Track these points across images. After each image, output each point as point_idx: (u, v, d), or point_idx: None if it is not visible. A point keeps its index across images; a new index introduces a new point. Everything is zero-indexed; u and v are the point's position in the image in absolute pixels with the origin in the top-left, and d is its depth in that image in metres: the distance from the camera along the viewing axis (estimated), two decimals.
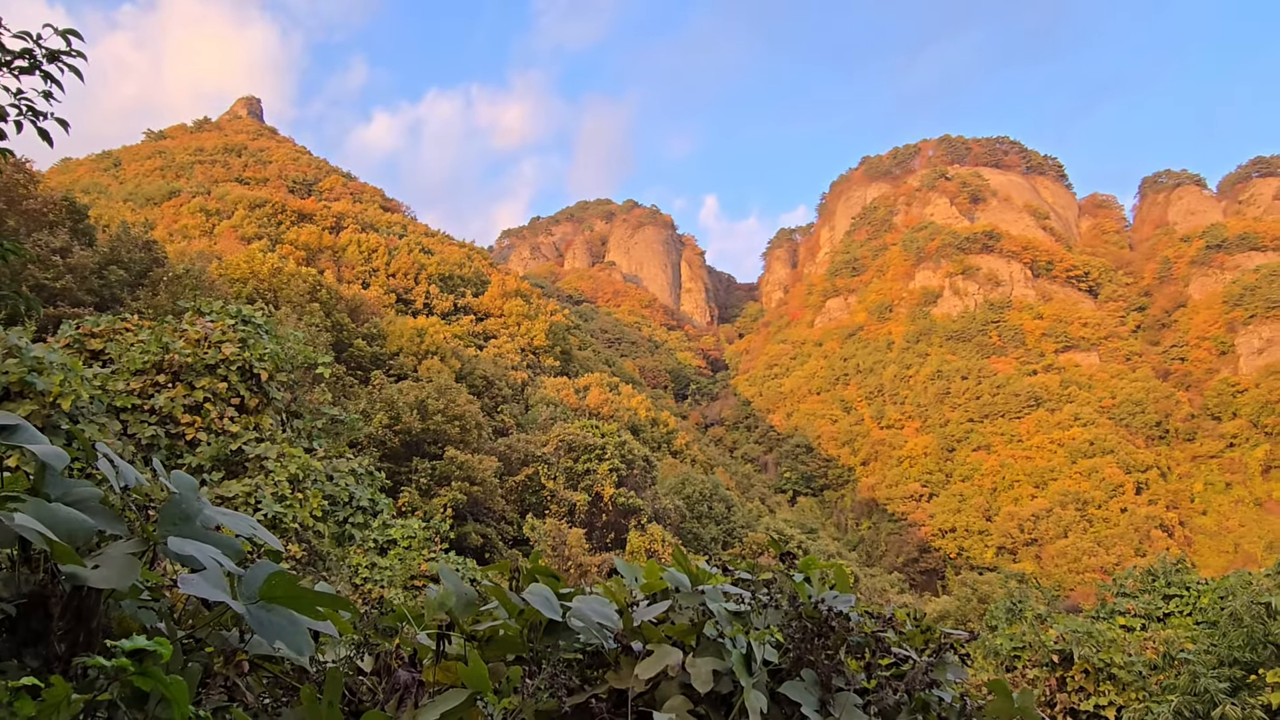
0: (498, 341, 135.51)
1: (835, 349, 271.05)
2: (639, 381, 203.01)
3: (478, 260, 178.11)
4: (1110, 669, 16.91)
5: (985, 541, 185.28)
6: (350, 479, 15.12)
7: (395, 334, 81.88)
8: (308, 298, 71.94)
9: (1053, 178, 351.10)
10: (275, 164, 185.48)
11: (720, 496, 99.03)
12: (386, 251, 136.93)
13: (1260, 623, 14.92)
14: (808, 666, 3.13)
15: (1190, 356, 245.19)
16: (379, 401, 56.33)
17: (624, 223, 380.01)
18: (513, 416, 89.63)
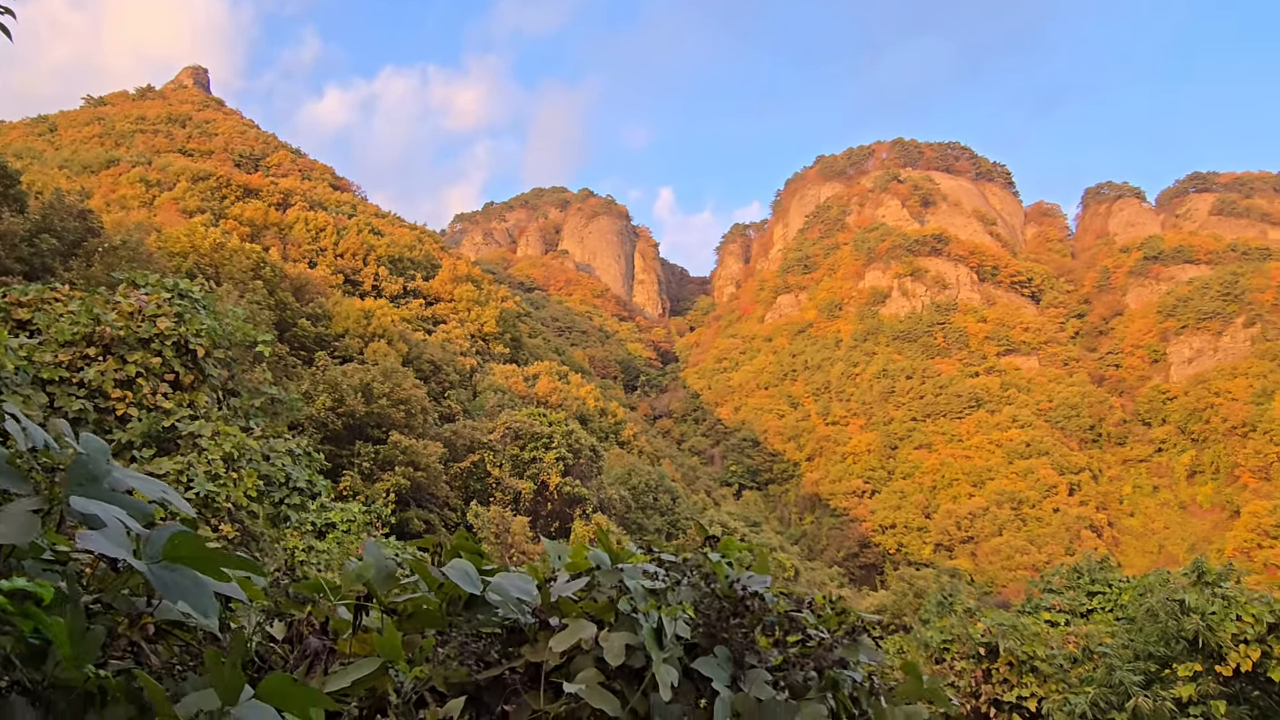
0: (447, 327, 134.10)
1: (785, 345, 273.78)
2: (589, 371, 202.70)
3: (429, 243, 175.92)
4: (1033, 661, 17.45)
5: (924, 538, 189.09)
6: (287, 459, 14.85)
7: (341, 315, 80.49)
8: (251, 275, 70.31)
9: (1001, 184, 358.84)
10: (221, 136, 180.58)
11: (666, 488, 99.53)
12: (335, 231, 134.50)
13: (1174, 619, 15.53)
14: (721, 643, 3.18)
15: (1125, 363, 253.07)
16: (322, 383, 55.38)
17: (579, 211, 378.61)
18: (460, 403, 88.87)
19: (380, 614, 2.99)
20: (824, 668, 3.46)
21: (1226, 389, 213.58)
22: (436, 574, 3.12)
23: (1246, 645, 14.81)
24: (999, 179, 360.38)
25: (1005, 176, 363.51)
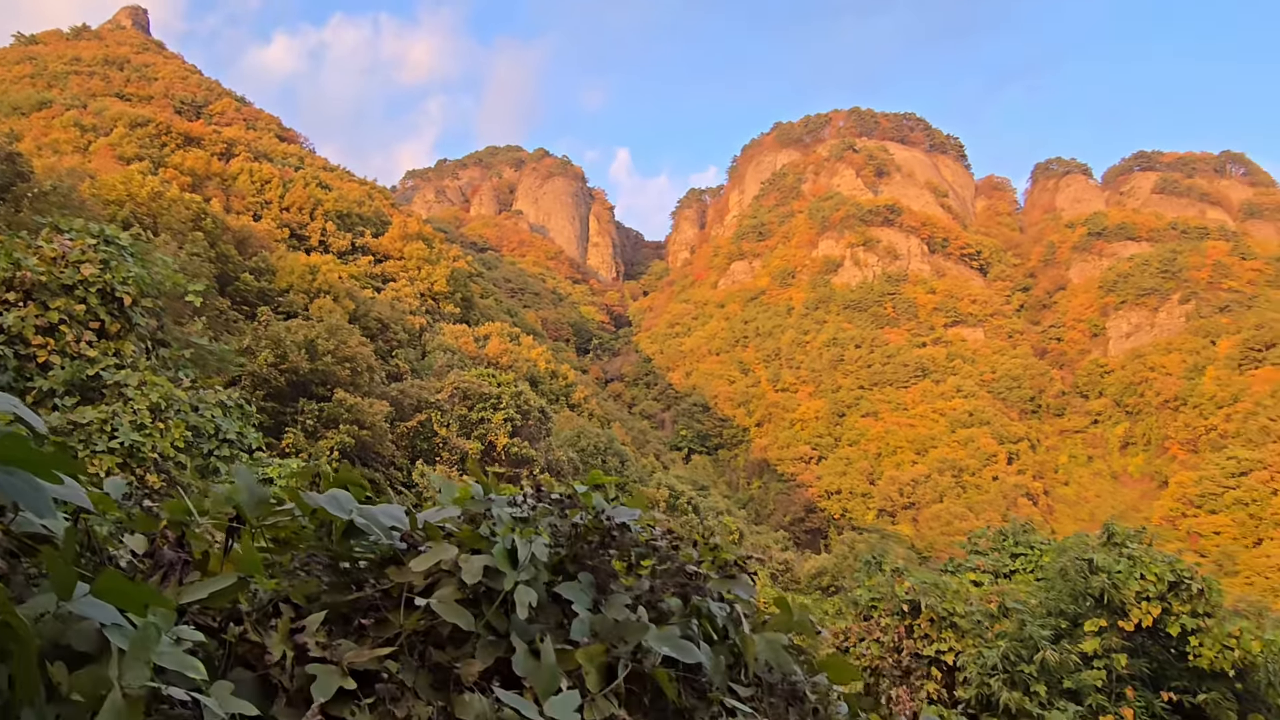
0: (396, 285, 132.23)
1: (737, 311, 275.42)
2: (540, 333, 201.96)
3: (379, 199, 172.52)
4: (952, 618, 18.13)
5: (867, 504, 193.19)
6: (217, 411, 14.66)
7: (286, 270, 78.80)
8: (190, 226, 68.29)
9: (954, 157, 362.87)
10: (161, 81, 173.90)
11: (615, 451, 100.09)
12: (281, 183, 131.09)
13: (1083, 577, 16.26)
14: (586, 570, 3.34)
15: (1066, 337, 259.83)
16: (265, 339, 54.36)
17: (534, 172, 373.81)
18: (408, 362, 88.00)
19: (249, 536, 3.08)
20: (688, 596, 3.64)
21: (1161, 364, 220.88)
22: (310, 500, 3.22)
23: (1148, 602, 15.57)
24: (952, 151, 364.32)
25: (958, 149, 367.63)
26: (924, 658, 18.12)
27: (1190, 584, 15.47)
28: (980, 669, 15.94)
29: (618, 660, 3.04)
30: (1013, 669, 15.68)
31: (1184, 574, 15.59)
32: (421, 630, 2.91)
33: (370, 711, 2.51)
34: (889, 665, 18.72)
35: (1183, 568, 15.73)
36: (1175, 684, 15.67)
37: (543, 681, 2.78)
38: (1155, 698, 15.43)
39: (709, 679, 3.39)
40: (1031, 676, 15.49)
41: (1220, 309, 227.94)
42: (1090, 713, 15.12)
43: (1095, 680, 15.32)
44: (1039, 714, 15.03)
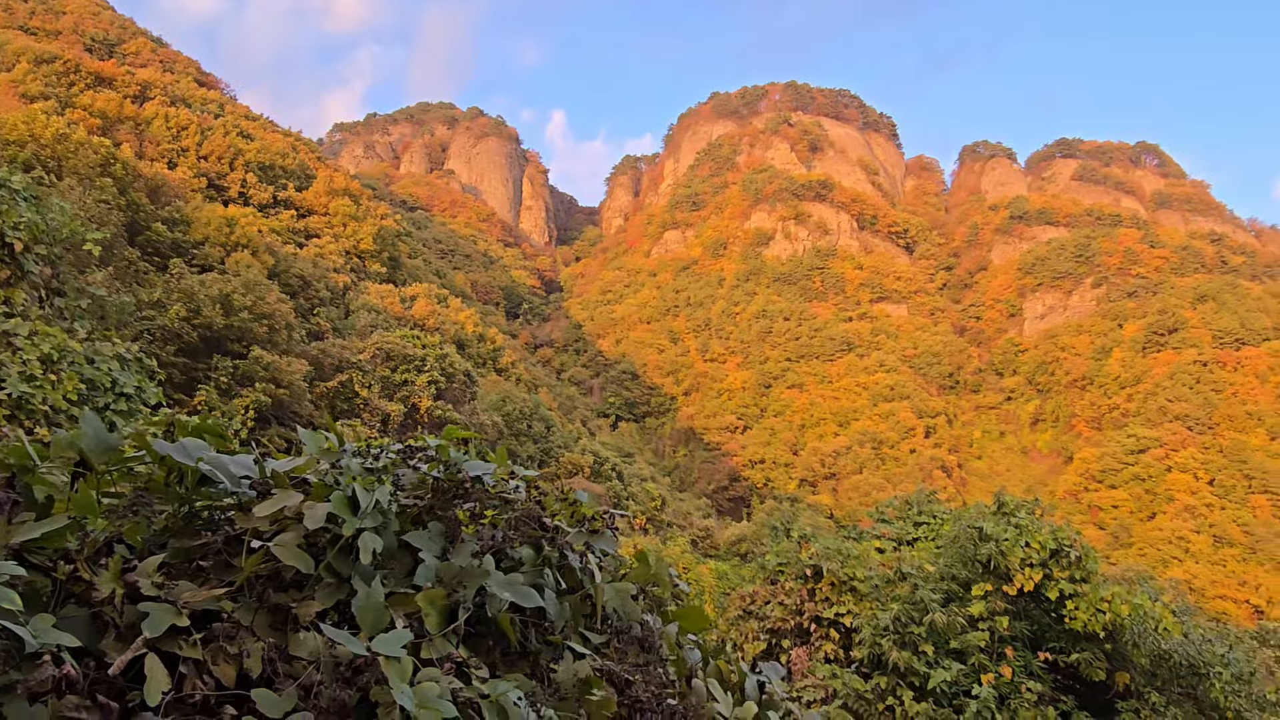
0: (320, 241, 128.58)
1: (669, 280, 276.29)
2: (469, 296, 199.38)
3: (304, 152, 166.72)
4: (852, 582, 18.85)
5: (790, 474, 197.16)
6: (115, 364, 14.20)
7: (202, 221, 75.76)
8: (99, 171, 65.02)
9: (886, 135, 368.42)
10: (70, 16, 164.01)
11: (541, 416, 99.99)
12: (199, 130, 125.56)
13: (972, 544, 17.08)
14: (436, 520, 3.47)
15: (985, 316, 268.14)
16: (177, 292, 52.45)
17: (467, 131, 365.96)
18: (330, 320, 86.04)
19: (92, 479, 3.12)
20: (541, 546, 3.80)
21: (1071, 344, 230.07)
22: (159, 448, 3.26)
23: (1031, 568, 16.45)
24: (884, 130, 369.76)
25: (890, 128, 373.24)
26: (824, 620, 18.82)
27: (1070, 552, 16.39)
28: (873, 630, 16.66)
29: (459, 604, 3.18)
30: (904, 630, 16.44)
31: (1064, 542, 16.51)
32: (265, 574, 3.01)
33: (203, 647, 2.60)
34: (790, 627, 19.40)
35: (1063, 536, 16.64)
36: (1052, 645, 16.63)
37: (368, 619, 2.87)
38: (1033, 657, 16.37)
39: (553, 624, 3.56)
40: (920, 637, 16.26)
41: (1128, 294, 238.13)
42: (973, 670, 15.96)
43: (979, 641, 16.16)
44: (925, 672, 15.81)
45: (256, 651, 2.69)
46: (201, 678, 2.59)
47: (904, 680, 16.04)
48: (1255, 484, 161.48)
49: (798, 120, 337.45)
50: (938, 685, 15.45)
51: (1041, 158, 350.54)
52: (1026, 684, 15.81)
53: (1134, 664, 16.06)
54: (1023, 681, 15.88)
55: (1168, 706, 15.58)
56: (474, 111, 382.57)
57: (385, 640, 2.74)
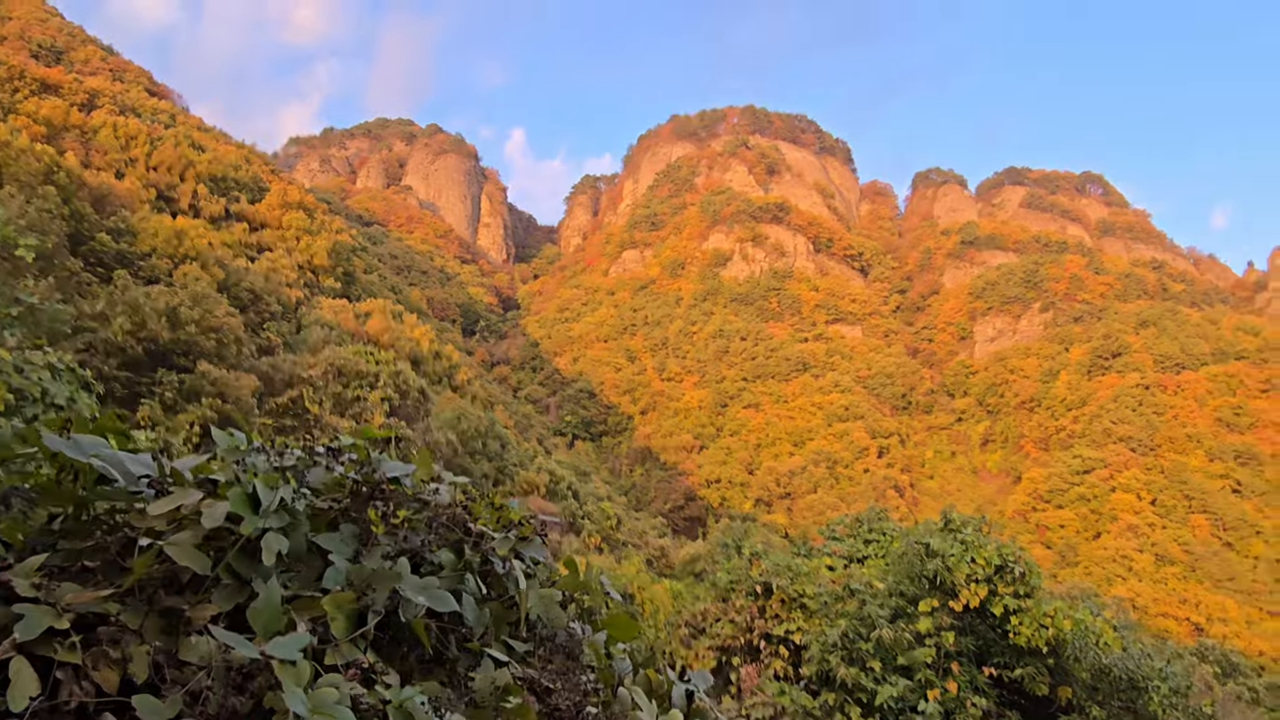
0: (273, 255, 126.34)
1: (626, 299, 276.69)
2: (426, 312, 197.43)
3: (257, 165, 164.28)
4: (802, 599, 18.88)
5: (745, 493, 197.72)
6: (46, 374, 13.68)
7: (149, 232, 74.01)
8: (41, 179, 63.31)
9: (841, 160, 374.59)
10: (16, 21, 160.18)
11: (496, 434, 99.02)
12: (149, 141, 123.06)
13: (919, 560, 17.22)
14: (351, 522, 3.34)
15: (937, 338, 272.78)
16: (121, 304, 51.14)
17: (425, 147, 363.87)
18: (281, 335, 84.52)
19: None
20: (462, 551, 3.68)
21: (1020, 367, 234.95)
22: (50, 444, 3.09)
23: (976, 584, 16.63)
24: (840, 155, 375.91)
25: (846, 153, 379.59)
26: (774, 637, 18.80)
27: (1014, 568, 16.60)
28: (822, 646, 16.67)
29: (369, 609, 3.05)
30: (851, 646, 16.49)
31: (1009, 559, 16.72)
32: (160, 576, 2.89)
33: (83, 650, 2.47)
34: (740, 644, 19.34)
35: (1008, 552, 16.86)
36: (997, 659, 16.80)
37: (262, 621, 2.77)
38: (979, 673, 16.51)
39: (472, 630, 3.44)
40: (868, 653, 16.32)
41: (1074, 319, 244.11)
42: (920, 686, 16.04)
43: (926, 657, 16.26)
44: (873, 688, 15.86)
45: (141, 656, 2.54)
46: (80, 684, 2.42)
47: (851, 696, 16.06)
48: (1195, 504, 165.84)
49: (755, 143, 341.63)
50: (885, 701, 15.49)
51: (991, 185, 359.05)
52: (972, 699, 15.92)
53: (1076, 678, 16.27)
54: (968, 697, 15.99)
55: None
56: (433, 128, 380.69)
57: (281, 644, 2.63)
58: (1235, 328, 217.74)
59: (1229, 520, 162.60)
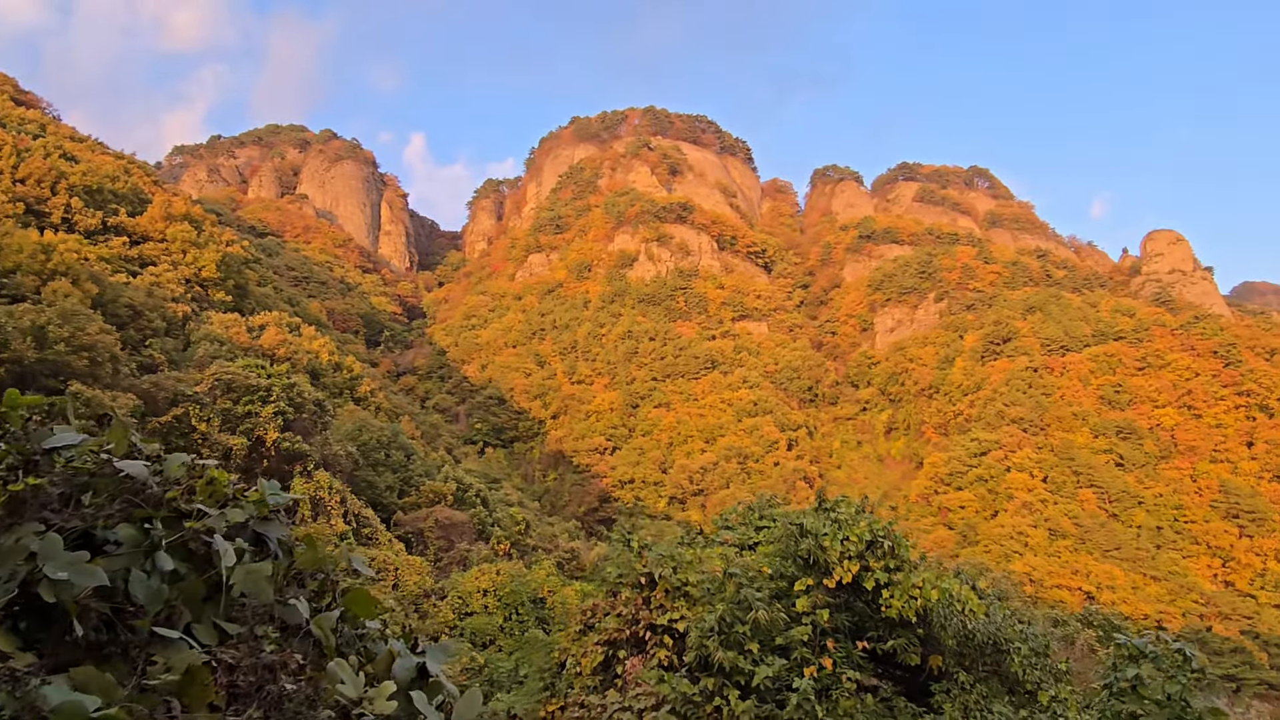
0: (157, 269, 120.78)
1: (534, 304, 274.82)
2: (325, 324, 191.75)
3: (138, 175, 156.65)
4: (685, 588, 18.89)
5: (659, 492, 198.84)
6: None
7: (12, 248, 69.41)
8: None
9: (742, 159, 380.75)
10: None
11: (400, 444, 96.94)
12: (15, 152, 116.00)
13: (794, 541, 17.47)
14: None
15: (840, 331, 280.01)
16: None
17: (320, 154, 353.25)
18: (165, 352, 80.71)
19: None
20: (148, 527, 3.41)
21: (918, 355, 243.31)
22: None
23: (849, 560, 16.97)
24: (740, 154, 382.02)
25: (746, 152, 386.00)
26: (659, 627, 18.75)
27: (884, 543, 17.01)
28: (700, 632, 16.70)
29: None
30: (729, 630, 16.57)
31: (879, 534, 17.12)
32: None
33: None
34: (626, 636, 19.23)
35: (878, 528, 17.25)
36: (871, 633, 17.17)
37: None
38: (853, 647, 16.83)
39: (144, 609, 3.18)
40: (746, 636, 16.43)
41: (967, 307, 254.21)
42: (796, 664, 16.25)
43: (802, 635, 16.48)
44: (750, 670, 15.96)
45: None
46: None
47: (730, 680, 16.14)
48: (1082, 479, 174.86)
49: (657, 144, 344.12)
50: (761, 682, 15.62)
51: (886, 181, 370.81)
52: (847, 673, 16.21)
53: (944, 646, 16.77)
54: (844, 671, 16.28)
55: (975, 684, 16.35)
56: (327, 134, 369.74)
57: None
58: (1113, 310, 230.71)
59: (1113, 493, 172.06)
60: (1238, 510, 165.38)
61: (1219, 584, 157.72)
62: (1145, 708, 9.44)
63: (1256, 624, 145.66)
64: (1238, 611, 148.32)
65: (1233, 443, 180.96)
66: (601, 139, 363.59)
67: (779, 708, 15.76)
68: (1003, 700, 15.88)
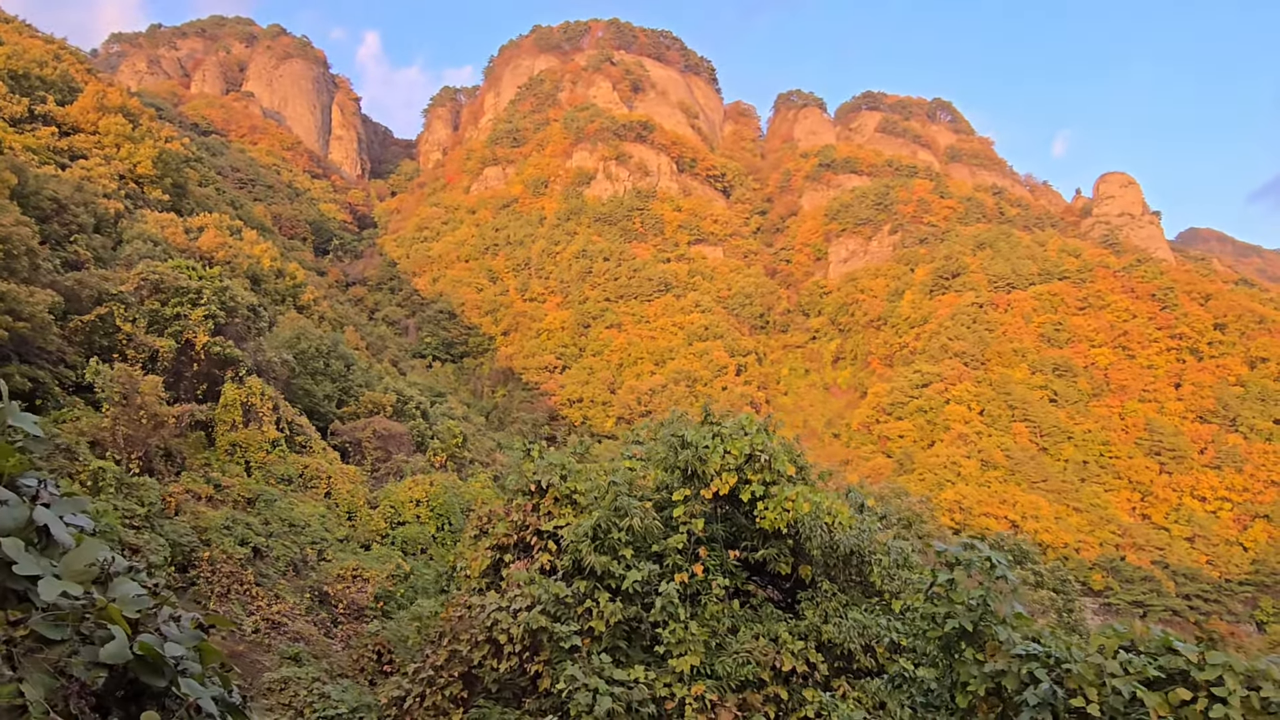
0: (88, 163, 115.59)
1: (488, 218, 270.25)
2: (270, 229, 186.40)
3: (70, 62, 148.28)
4: (573, 496, 19.24)
5: (607, 411, 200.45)
6: None
7: None
8: None
9: (706, 79, 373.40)
10: None
11: (340, 354, 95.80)
12: None
13: (674, 451, 17.81)
14: None
15: (794, 259, 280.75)
16: None
17: (268, 50, 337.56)
18: (92, 250, 77.99)
19: None
20: None
21: (869, 287, 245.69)
22: None
23: (727, 473, 17.37)
24: (705, 74, 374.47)
25: (710, 73, 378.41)
26: (544, 533, 19.16)
27: (761, 456, 17.41)
28: (575, 537, 17.10)
29: None
30: (604, 536, 16.98)
31: (757, 448, 17.51)
32: None
33: None
34: (514, 542, 19.64)
35: (758, 443, 17.64)
36: (746, 543, 17.73)
37: None
38: (727, 556, 17.40)
39: None
40: (620, 542, 16.86)
41: (920, 240, 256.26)
42: (668, 570, 16.77)
43: (677, 543, 16.97)
44: (622, 574, 16.44)
45: None
46: None
47: (602, 583, 16.62)
48: (1017, 413, 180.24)
49: (620, 59, 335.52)
50: (630, 586, 16.10)
51: (849, 109, 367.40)
52: (718, 580, 16.77)
53: (812, 557, 17.40)
54: (715, 578, 16.83)
55: (838, 592, 17.04)
56: (275, 29, 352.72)
57: None
58: (1060, 250, 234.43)
59: (1045, 427, 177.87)
60: (1160, 448, 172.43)
61: (1136, 517, 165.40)
62: (955, 610, 9.93)
63: (1167, 555, 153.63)
64: (1151, 543, 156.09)
65: (1162, 384, 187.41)
66: (563, 50, 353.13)
67: (646, 610, 16.31)
68: (860, 608, 16.59)
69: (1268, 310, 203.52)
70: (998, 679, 9.47)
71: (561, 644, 15.49)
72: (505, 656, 16.43)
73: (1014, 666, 9.37)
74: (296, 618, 44.52)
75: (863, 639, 15.71)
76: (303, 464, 63.02)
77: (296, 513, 53.89)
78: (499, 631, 16.47)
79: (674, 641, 15.57)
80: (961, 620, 10.28)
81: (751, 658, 15.61)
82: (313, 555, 51.30)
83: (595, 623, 15.99)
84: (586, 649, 15.83)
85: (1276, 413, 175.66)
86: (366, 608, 45.86)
